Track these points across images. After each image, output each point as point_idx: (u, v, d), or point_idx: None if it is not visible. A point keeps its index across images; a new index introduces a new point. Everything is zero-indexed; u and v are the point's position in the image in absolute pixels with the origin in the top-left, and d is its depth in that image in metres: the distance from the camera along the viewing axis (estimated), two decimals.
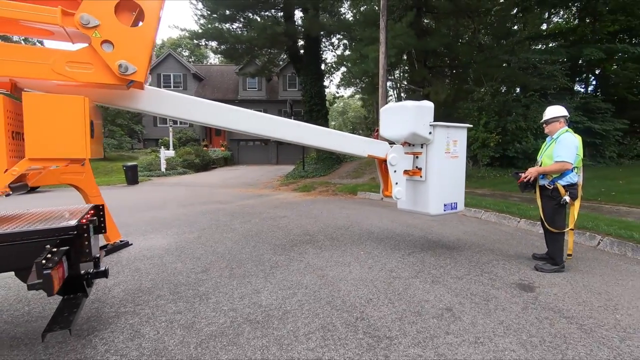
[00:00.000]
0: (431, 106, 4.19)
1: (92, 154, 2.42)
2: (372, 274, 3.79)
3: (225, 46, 17.36)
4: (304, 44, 18.42)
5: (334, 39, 20.77)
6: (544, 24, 20.55)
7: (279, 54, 21.18)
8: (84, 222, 2.34)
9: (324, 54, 20.95)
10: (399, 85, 23.73)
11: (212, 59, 47.27)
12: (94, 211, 2.80)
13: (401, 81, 23.11)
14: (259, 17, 17.45)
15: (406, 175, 4.41)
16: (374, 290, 3.37)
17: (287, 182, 14.61)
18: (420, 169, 4.36)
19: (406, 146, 4.42)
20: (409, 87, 19.18)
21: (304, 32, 17.02)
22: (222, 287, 3.47)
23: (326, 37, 19.56)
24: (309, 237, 5.42)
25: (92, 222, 2.48)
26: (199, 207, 8.55)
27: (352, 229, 6.02)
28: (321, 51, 19.55)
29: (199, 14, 17.18)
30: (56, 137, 2.21)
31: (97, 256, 2.59)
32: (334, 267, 4.02)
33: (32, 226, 2.15)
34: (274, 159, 29.42)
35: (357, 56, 14.77)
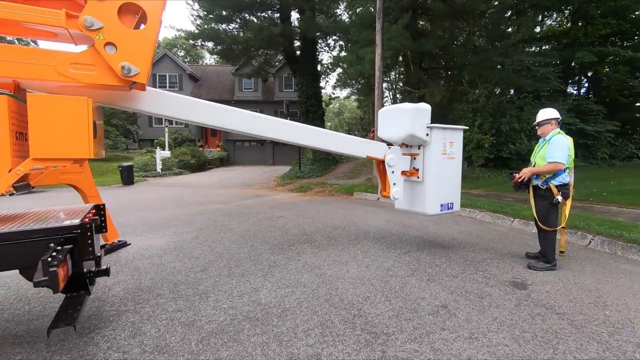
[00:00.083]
0: (428, 108, 4.28)
1: (94, 154, 2.46)
2: (369, 273, 3.86)
3: (221, 47, 17.36)
4: (300, 45, 18.47)
5: (330, 40, 20.86)
6: (537, 27, 20.82)
7: (275, 55, 21.20)
8: (87, 221, 2.38)
9: (320, 55, 21.01)
10: (394, 86, 23.88)
11: (208, 59, 47.21)
12: (95, 210, 2.84)
13: (397, 82, 23.27)
14: (255, 18, 17.47)
15: (404, 175, 4.49)
16: (371, 288, 3.44)
17: (283, 183, 14.65)
18: (417, 170, 4.45)
19: (404, 147, 4.50)
20: (405, 89, 19.32)
21: (300, 33, 17.06)
22: (221, 286, 3.51)
23: (322, 38, 19.62)
24: (307, 237, 5.47)
25: (95, 221, 2.52)
26: (196, 207, 8.56)
27: (348, 228, 6.08)
28: (317, 52, 19.60)
29: (195, 14, 17.18)
30: (60, 138, 2.25)
31: (99, 255, 2.63)
32: (331, 266, 4.08)
33: (36, 225, 2.18)
34: (269, 159, 29.41)
35: (353, 58, 14.84)
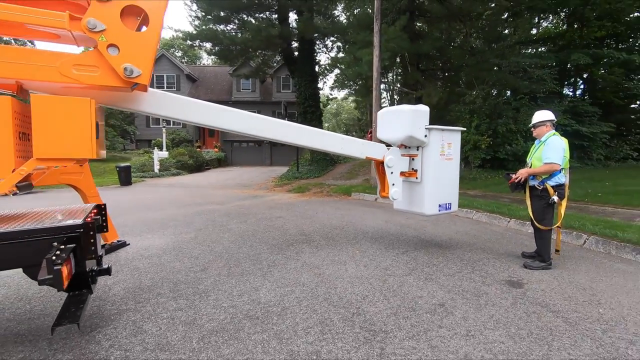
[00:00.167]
0: (427, 110, 4.34)
1: (96, 155, 2.49)
2: (367, 272, 3.90)
3: (219, 47, 17.39)
4: (298, 46, 18.52)
5: (328, 41, 20.95)
6: (533, 29, 21.01)
7: (273, 56, 21.25)
8: (89, 220, 2.40)
9: (318, 56, 21.07)
10: (392, 87, 23.99)
11: (205, 60, 47.14)
12: (96, 210, 2.86)
13: (394, 84, 23.37)
14: (253, 19, 17.51)
15: (402, 176, 4.54)
16: (370, 287, 3.48)
17: (281, 183, 14.67)
18: (416, 171, 4.50)
19: (402, 148, 4.56)
20: (402, 90, 19.41)
21: (298, 34, 17.12)
22: (221, 285, 3.54)
23: (320, 39, 19.69)
24: (305, 237, 5.51)
25: (96, 221, 2.55)
26: (194, 207, 8.58)
27: (347, 229, 6.13)
28: (315, 53, 19.67)
29: (194, 15, 17.24)
30: (63, 138, 2.28)
31: (101, 254, 2.66)
32: (330, 266, 4.12)
33: (39, 224, 2.21)
34: (267, 160, 29.40)
35: (351, 59, 14.91)
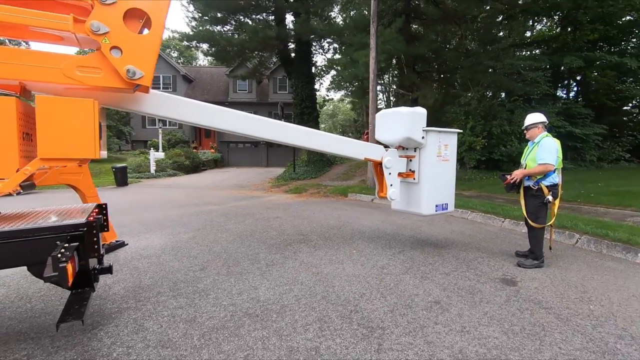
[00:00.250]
0: (424, 112, 4.43)
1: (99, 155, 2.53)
2: (364, 271, 3.96)
3: (216, 48, 17.41)
4: (295, 47, 18.59)
5: (324, 43, 21.03)
6: (528, 32, 21.25)
7: (270, 57, 21.30)
8: (92, 219, 2.44)
9: (314, 57, 21.13)
10: (388, 89, 24.14)
11: (202, 61, 47.10)
12: (98, 210, 2.90)
13: (390, 85, 23.52)
14: (250, 21, 17.56)
15: (400, 177, 4.62)
16: (367, 285, 3.54)
17: (278, 184, 14.72)
18: (413, 172, 4.58)
19: (400, 150, 4.64)
20: (398, 92, 19.54)
21: (295, 35, 17.19)
22: (220, 284, 3.59)
23: (317, 40, 19.78)
24: (303, 237, 5.56)
25: (99, 220, 2.59)
26: (191, 208, 8.60)
27: (344, 229, 6.19)
28: (312, 55, 19.75)
29: (190, 16, 17.24)
30: (67, 138, 2.32)
31: (102, 253, 2.70)
32: (327, 265, 4.18)
33: (43, 223, 2.25)
34: (264, 161, 29.42)
35: (348, 61, 15.01)
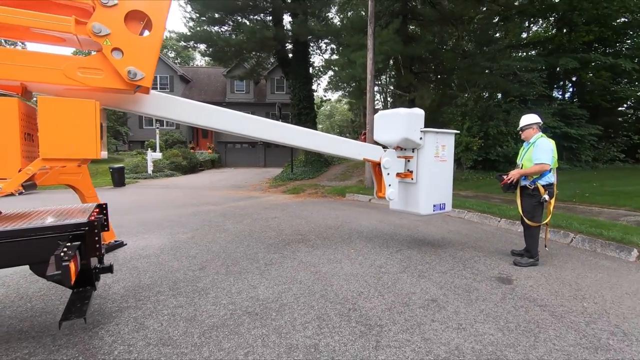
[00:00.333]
0: (422, 113, 4.49)
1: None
2: (362, 270, 4.01)
3: (213, 49, 17.40)
4: (292, 48, 18.61)
5: (322, 44, 21.07)
6: (524, 33, 21.42)
7: (267, 58, 21.30)
8: (93, 219, 2.47)
9: (312, 57, 21.17)
10: (385, 90, 24.23)
11: (199, 61, 47.02)
12: (98, 210, 2.92)
13: (388, 86, 23.62)
14: (247, 21, 17.57)
15: (398, 177, 4.67)
16: (365, 284, 3.59)
17: (275, 185, 14.74)
18: (411, 172, 4.64)
19: (398, 150, 4.69)
20: (396, 92, 19.63)
21: (292, 36, 17.22)
22: (219, 283, 3.62)
23: (314, 41, 19.82)
24: (301, 237, 5.60)
25: (99, 220, 2.62)
26: (189, 208, 8.61)
27: (341, 228, 6.23)
28: (309, 55, 19.78)
29: (188, 16, 17.22)
30: (69, 139, 2.34)
31: (103, 252, 2.72)
32: (326, 264, 4.22)
33: (46, 222, 2.27)
34: (261, 161, 29.41)
35: (345, 61, 15.05)
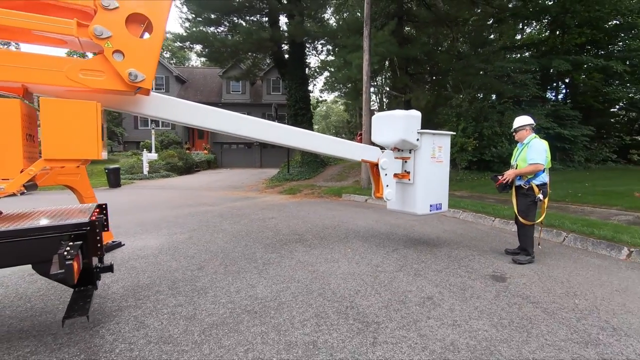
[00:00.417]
0: (419, 115, 4.57)
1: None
2: (359, 269, 4.06)
3: (210, 49, 17.40)
4: (288, 49, 18.65)
5: (318, 44, 21.15)
6: (518, 35, 21.65)
7: (263, 59, 21.34)
8: (95, 218, 2.50)
9: (308, 58, 21.25)
10: (381, 91, 24.36)
11: (194, 61, 46.88)
12: (98, 210, 2.95)
13: (383, 87, 23.75)
14: (244, 22, 17.59)
15: (396, 178, 4.75)
16: (362, 283, 3.64)
17: (272, 185, 14.77)
18: (408, 173, 4.72)
19: (396, 151, 4.77)
20: (391, 93, 19.76)
21: (288, 37, 17.26)
22: (218, 283, 3.65)
23: (310, 42, 19.88)
24: (298, 237, 5.64)
25: (100, 220, 2.65)
26: (186, 209, 8.62)
27: (338, 228, 6.29)
28: (305, 56, 19.84)
29: (184, 17, 17.28)
30: (71, 140, 2.37)
31: (103, 252, 2.75)
32: (323, 263, 4.27)
33: (48, 222, 2.30)
34: (257, 162, 29.39)
35: (341, 62, 15.14)
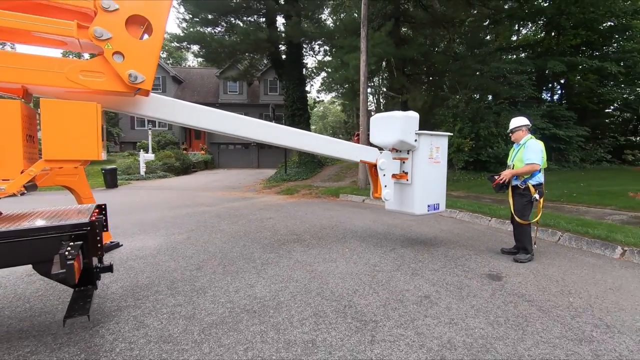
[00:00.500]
0: (417, 116, 4.62)
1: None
2: (357, 268, 4.10)
3: (207, 50, 17.38)
4: (286, 49, 18.66)
5: (315, 45, 21.17)
6: (513, 36, 21.81)
7: (261, 59, 21.34)
8: (95, 219, 2.52)
9: (305, 59, 21.25)
10: (378, 91, 24.43)
11: (191, 62, 46.77)
12: (98, 210, 2.97)
13: (380, 88, 23.82)
14: (241, 22, 17.57)
15: (394, 178, 4.79)
16: (360, 282, 3.68)
17: (269, 185, 14.77)
18: (406, 173, 4.76)
19: (394, 152, 4.81)
20: (388, 94, 19.83)
21: (285, 38, 17.27)
22: (217, 282, 3.67)
23: (307, 43, 19.90)
24: (296, 237, 5.67)
25: (101, 220, 2.66)
26: (184, 209, 8.62)
27: (336, 228, 6.32)
28: (302, 57, 19.85)
29: (181, 17, 17.19)
30: (71, 140, 2.39)
31: (103, 252, 2.76)
32: (321, 263, 4.30)
33: (49, 223, 2.31)
34: (254, 162, 29.37)
35: (338, 63, 15.17)
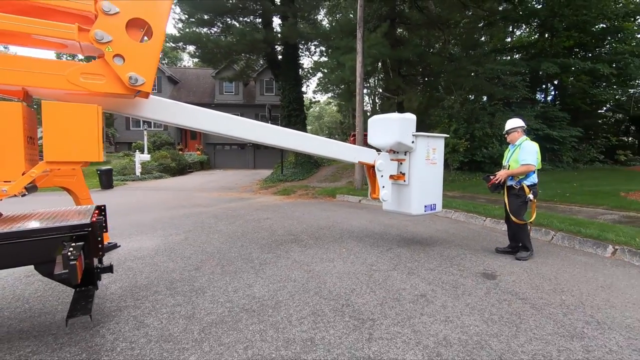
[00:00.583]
0: (414, 118, 4.69)
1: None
2: (354, 268, 4.15)
3: (203, 50, 17.34)
4: (282, 50, 18.69)
5: (311, 46, 21.20)
6: (508, 38, 22.03)
7: (257, 60, 21.33)
8: (95, 220, 2.54)
9: (301, 59, 21.30)
10: (374, 92, 24.54)
11: (186, 62, 46.62)
12: (98, 211, 2.99)
13: (376, 88, 23.93)
14: (237, 23, 17.57)
15: (392, 179, 4.85)
16: (357, 281, 3.73)
17: (266, 186, 14.79)
18: (403, 174, 4.83)
19: (392, 153, 4.87)
20: (384, 95, 19.93)
21: (282, 38, 17.30)
22: (216, 282, 3.71)
23: (303, 43, 19.94)
24: (293, 237, 5.71)
25: (101, 221, 2.69)
26: (181, 210, 8.62)
27: (333, 229, 6.37)
28: (299, 58, 19.89)
29: (177, 17, 17.15)
30: (72, 142, 2.41)
31: (103, 253, 2.79)
32: (318, 263, 4.35)
33: (50, 223, 2.34)
34: (250, 163, 29.32)
35: (334, 64, 15.24)
